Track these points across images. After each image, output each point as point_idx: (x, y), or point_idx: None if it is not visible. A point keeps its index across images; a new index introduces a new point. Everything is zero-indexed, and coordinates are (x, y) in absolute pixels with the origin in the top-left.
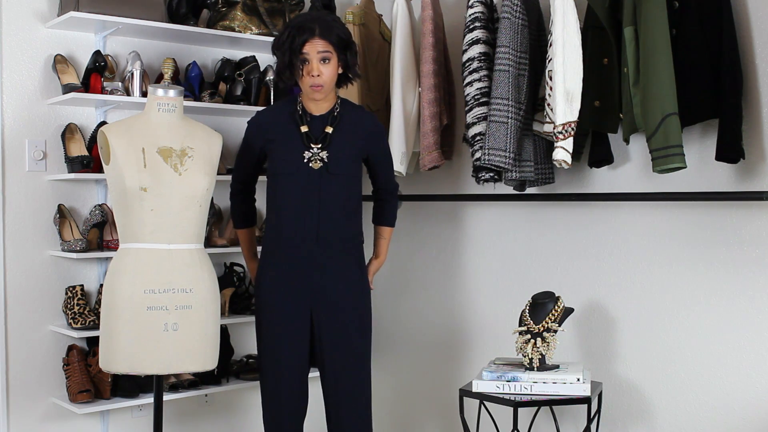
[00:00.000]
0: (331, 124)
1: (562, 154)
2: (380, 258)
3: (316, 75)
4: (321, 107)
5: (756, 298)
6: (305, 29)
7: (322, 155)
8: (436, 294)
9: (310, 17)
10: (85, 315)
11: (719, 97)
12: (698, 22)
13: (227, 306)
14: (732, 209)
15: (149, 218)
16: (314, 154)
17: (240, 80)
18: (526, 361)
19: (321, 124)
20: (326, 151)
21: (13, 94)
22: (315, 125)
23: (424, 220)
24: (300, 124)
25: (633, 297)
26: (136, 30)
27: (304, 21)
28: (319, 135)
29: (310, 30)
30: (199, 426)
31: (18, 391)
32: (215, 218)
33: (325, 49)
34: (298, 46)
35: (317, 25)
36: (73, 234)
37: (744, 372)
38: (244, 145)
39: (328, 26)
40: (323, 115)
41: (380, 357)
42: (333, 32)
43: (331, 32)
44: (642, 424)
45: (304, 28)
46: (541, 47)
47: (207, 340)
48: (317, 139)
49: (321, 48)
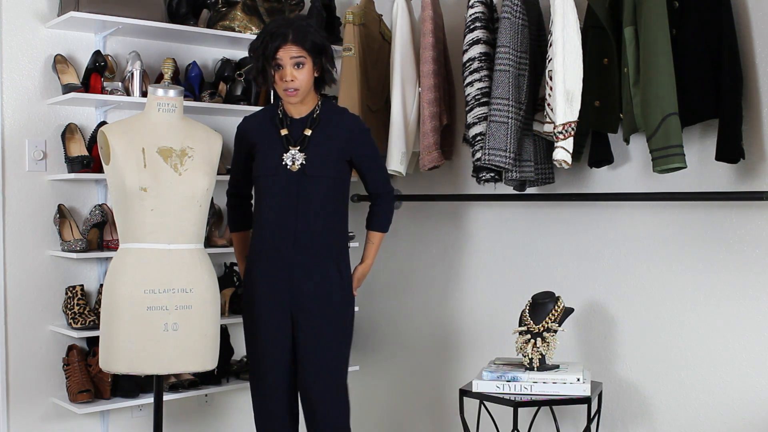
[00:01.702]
0: (309, 126)
1: (562, 154)
2: (365, 263)
3: (289, 80)
4: (300, 110)
5: (756, 298)
6: (278, 35)
7: (299, 157)
8: (435, 294)
9: (284, 22)
10: (85, 315)
11: (719, 97)
12: (698, 22)
13: (227, 306)
14: (732, 209)
15: (149, 218)
16: (292, 156)
17: (240, 80)
18: (526, 361)
19: (301, 126)
20: (304, 153)
21: (13, 94)
22: (295, 128)
23: (424, 220)
24: (280, 128)
25: (633, 297)
26: (136, 30)
27: (278, 27)
28: (299, 137)
29: (283, 36)
30: (199, 426)
31: (18, 391)
32: (215, 218)
33: (298, 54)
34: (271, 53)
35: (291, 30)
36: (73, 234)
37: (744, 372)
38: (234, 151)
39: (302, 32)
40: (303, 118)
41: (380, 357)
42: (307, 38)
43: (305, 38)
44: (642, 424)
45: (277, 34)
46: (541, 47)
47: (207, 340)
48: (296, 142)
49: (294, 53)
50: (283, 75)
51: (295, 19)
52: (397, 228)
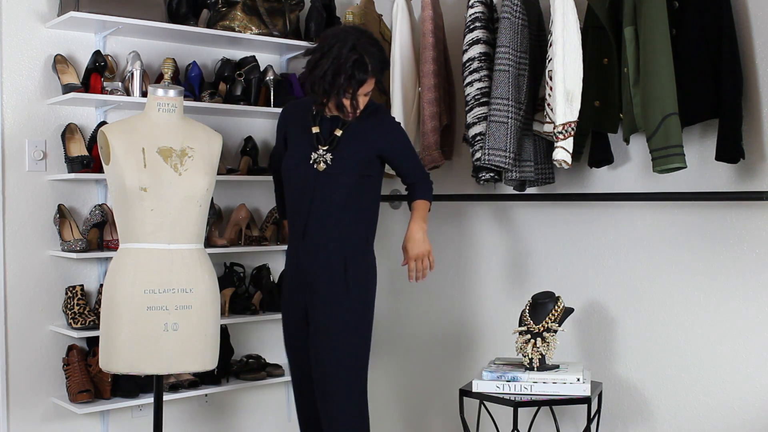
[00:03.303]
0: (341, 126)
1: (562, 154)
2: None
3: (358, 111)
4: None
5: (756, 298)
6: (361, 67)
7: (326, 157)
8: (436, 294)
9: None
10: (85, 315)
11: (719, 97)
12: (698, 22)
13: (227, 306)
14: (732, 209)
15: (149, 218)
16: (320, 156)
17: (240, 80)
18: (526, 361)
19: (333, 125)
20: (331, 153)
21: (13, 94)
22: (326, 126)
23: None
24: (312, 124)
25: (633, 297)
26: (136, 30)
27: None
28: (329, 137)
29: (364, 70)
30: (199, 426)
31: (18, 391)
32: (215, 218)
33: (372, 86)
34: (355, 89)
35: (368, 60)
36: (73, 234)
37: (744, 372)
38: (276, 130)
39: (375, 59)
40: (336, 116)
41: (380, 357)
42: (378, 66)
43: (377, 67)
44: (642, 424)
45: (361, 67)
46: (541, 47)
47: (207, 340)
48: (326, 141)
49: (370, 88)
50: (355, 105)
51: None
52: (396, 228)
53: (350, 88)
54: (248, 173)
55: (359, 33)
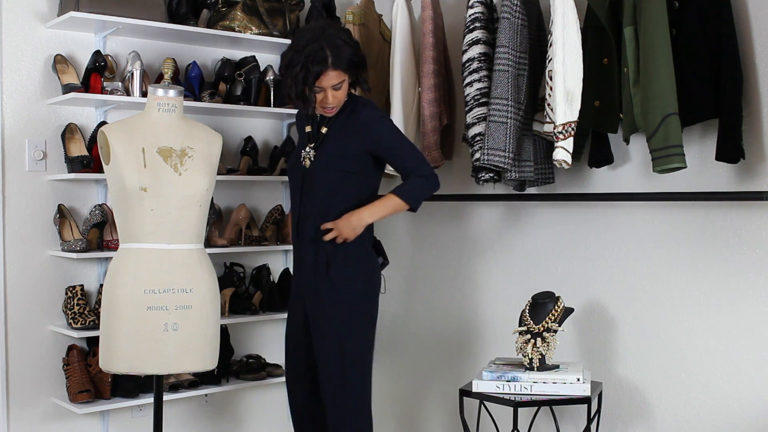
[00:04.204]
0: (326, 124)
1: (562, 154)
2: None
3: (330, 106)
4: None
5: (756, 298)
6: (317, 59)
7: (311, 154)
8: (436, 294)
9: (319, 39)
10: (85, 315)
11: (719, 97)
12: (698, 22)
13: (227, 306)
14: (732, 209)
15: (149, 218)
16: (306, 153)
17: (240, 80)
18: (526, 361)
19: (322, 123)
20: (315, 150)
21: (13, 94)
22: (317, 125)
23: (424, 220)
24: (306, 124)
25: (633, 297)
26: (136, 30)
27: (315, 49)
28: (317, 135)
29: (322, 60)
30: (199, 426)
31: (18, 391)
32: (215, 218)
33: (339, 80)
34: (312, 80)
35: (329, 52)
36: (73, 234)
37: (744, 372)
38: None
39: (339, 52)
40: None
41: (381, 356)
42: (344, 59)
43: (342, 60)
44: (642, 424)
45: (317, 58)
46: (541, 47)
47: (207, 340)
48: (314, 139)
49: (335, 81)
50: (324, 100)
51: (329, 32)
52: (396, 228)
53: (308, 78)
54: (248, 173)
55: (329, 27)
